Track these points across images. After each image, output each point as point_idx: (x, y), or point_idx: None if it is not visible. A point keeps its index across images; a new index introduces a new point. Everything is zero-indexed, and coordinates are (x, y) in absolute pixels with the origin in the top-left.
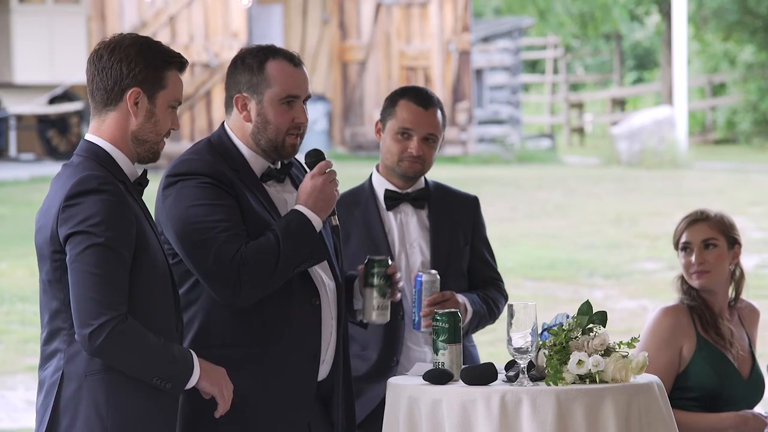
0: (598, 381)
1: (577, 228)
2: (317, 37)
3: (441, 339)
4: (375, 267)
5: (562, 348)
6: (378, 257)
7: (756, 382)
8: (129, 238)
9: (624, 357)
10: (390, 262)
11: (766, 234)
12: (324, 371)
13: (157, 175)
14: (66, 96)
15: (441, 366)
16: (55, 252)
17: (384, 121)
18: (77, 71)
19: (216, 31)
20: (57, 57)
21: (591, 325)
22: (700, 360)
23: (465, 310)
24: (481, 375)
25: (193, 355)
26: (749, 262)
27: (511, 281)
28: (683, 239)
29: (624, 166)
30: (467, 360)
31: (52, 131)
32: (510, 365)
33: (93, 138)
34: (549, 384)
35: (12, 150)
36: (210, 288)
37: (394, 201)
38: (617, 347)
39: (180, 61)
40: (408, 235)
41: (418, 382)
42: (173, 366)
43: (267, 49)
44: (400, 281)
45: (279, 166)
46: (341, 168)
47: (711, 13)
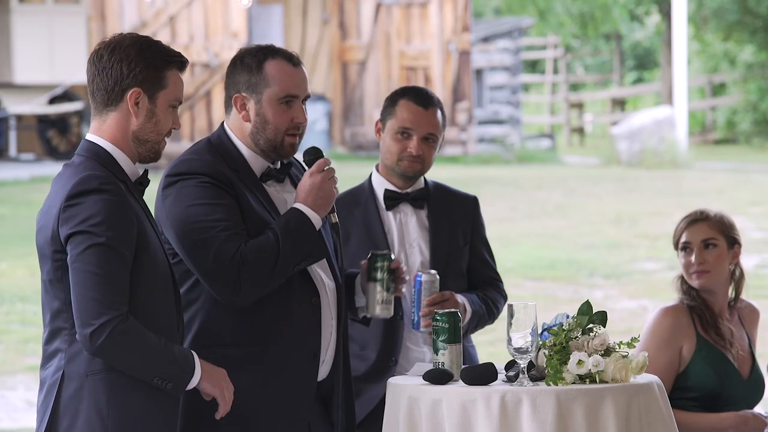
0: (598, 381)
1: (577, 228)
2: (317, 37)
3: (441, 339)
4: (378, 261)
5: (562, 348)
6: (381, 252)
7: (756, 382)
8: (130, 237)
9: (624, 357)
10: (393, 256)
11: (766, 234)
12: (324, 371)
13: (158, 175)
14: (66, 96)
15: (441, 366)
16: (56, 252)
17: (384, 121)
18: (77, 71)
19: (216, 31)
20: (57, 57)
21: (591, 325)
22: (700, 360)
23: (464, 310)
24: (481, 375)
25: (195, 356)
26: (749, 262)
27: (511, 281)
28: (683, 239)
29: (624, 166)
30: (466, 360)
31: (52, 131)
32: (510, 365)
33: (94, 138)
34: (549, 384)
35: (12, 150)
36: (210, 287)
37: (393, 201)
38: (617, 347)
39: (180, 61)
40: (407, 235)
41: (418, 382)
42: (174, 366)
43: (266, 49)
44: (405, 274)
45: (278, 165)
46: (341, 168)
47: (711, 13)
